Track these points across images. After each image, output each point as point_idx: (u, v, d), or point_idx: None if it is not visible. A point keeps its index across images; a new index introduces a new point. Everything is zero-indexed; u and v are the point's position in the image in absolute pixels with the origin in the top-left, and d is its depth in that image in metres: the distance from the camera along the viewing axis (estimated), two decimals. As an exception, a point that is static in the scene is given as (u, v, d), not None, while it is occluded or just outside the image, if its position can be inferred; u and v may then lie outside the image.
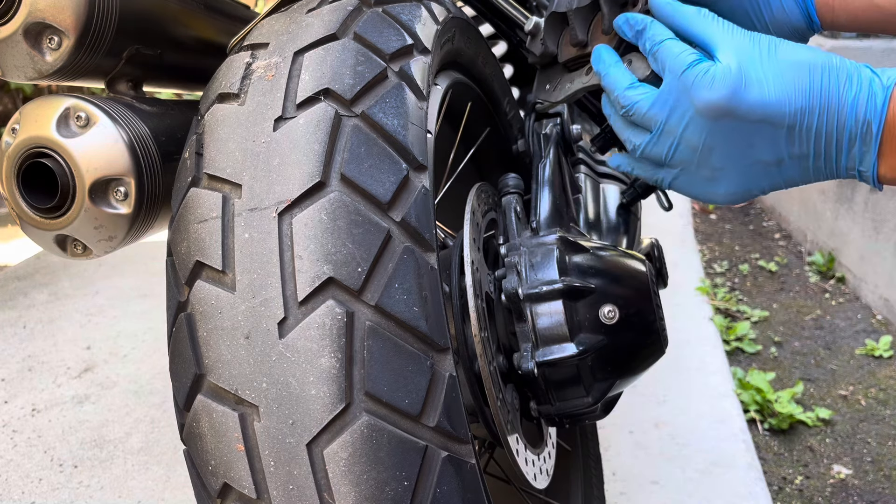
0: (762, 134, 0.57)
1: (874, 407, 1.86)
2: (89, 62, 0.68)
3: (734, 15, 0.71)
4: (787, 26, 0.70)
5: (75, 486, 1.51)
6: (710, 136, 0.58)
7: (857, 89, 0.56)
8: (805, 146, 0.57)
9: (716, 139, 0.58)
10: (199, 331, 0.54)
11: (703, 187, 0.62)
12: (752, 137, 0.57)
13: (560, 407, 0.72)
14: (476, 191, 0.80)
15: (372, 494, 0.50)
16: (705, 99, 0.57)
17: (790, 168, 0.59)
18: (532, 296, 0.70)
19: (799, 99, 0.56)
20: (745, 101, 0.56)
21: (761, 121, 0.57)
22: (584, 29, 0.74)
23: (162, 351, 2.01)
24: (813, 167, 0.58)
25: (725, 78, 0.57)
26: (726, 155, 0.59)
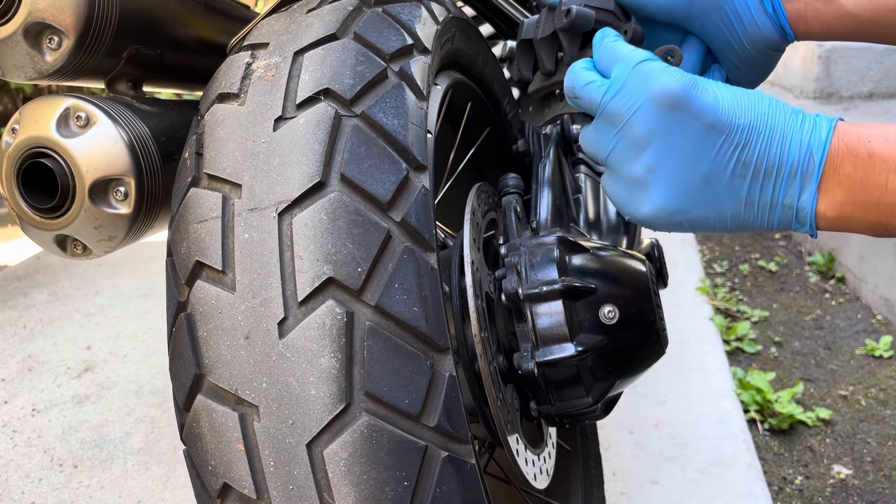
0: (707, 140, 0.55)
1: (874, 407, 1.86)
2: (89, 62, 0.68)
3: (706, 32, 0.71)
4: (760, 40, 0.69)
5: (75, 486, 1.51)
6: (656, 126, 0.56)
7: (802, 121, 0.55)
8: (746, 167, 0.55)
9: (660, 131, 0.56)
10: (199, 331, 0.54)
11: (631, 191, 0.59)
12: (696, 141, 0.55)
13: (560, 407, 0.72)
14: (476, 191, 0.80)
15: (372, 494, 0.50)
16: (662, 84, 0.55)
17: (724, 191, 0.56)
18: (532, 296, 0.70)
19: (748, 115, 0.55)
20: (700, 100, 0.55)
21: (712, 125, 0.55)
22: (550, 58, 0.73)
23: (162, 351, 2.00)
24: (746, 197, 0.56)
25: (683, 73, 0.56)
26: (666, 153, 0.56)
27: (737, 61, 0.71)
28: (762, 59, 0.71)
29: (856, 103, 3.30)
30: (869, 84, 3.32)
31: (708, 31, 0.71)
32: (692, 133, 0.55)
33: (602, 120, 0.59)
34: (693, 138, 0.55)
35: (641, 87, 0.56)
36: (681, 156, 0.56)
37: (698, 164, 0.55)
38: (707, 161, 0.55)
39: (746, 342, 2.18)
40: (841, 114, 3.13)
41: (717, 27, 0.70)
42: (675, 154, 0.56)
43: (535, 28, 0.73)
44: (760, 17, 0.69)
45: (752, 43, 0.69)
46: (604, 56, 0.60)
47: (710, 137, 0.55)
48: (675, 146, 0.56)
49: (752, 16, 0.69)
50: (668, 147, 0.56)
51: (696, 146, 0.55)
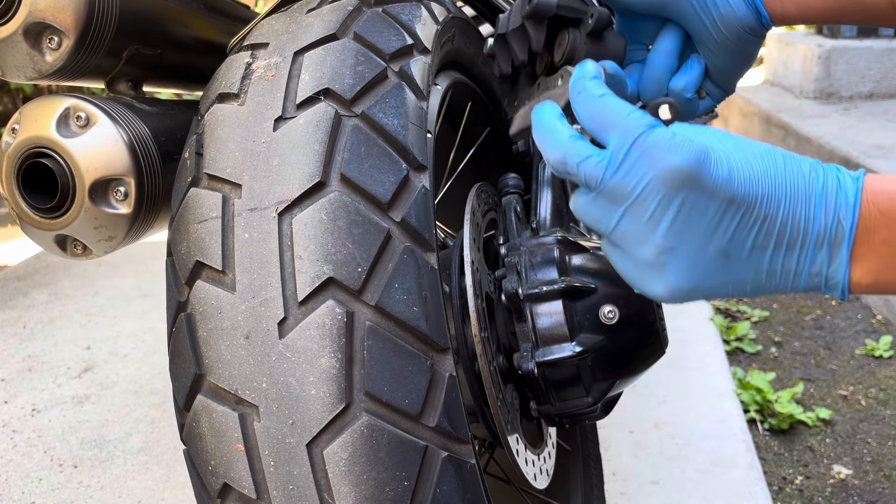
0: (725, 216, 0.50)
1: (874, 407, 1.86)
2: (89, 62, 0.68)
3: (683, 18, 0.69)
4: (736, 23, 0.67)
5: (75, 486, 1.51)
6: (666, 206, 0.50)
7: (824, 180, 0.50)
8: (768, 238, 0.50)
9: (672, 211, 0.50)
10: (199, 331, 0.54)
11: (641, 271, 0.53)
12: (712, 218, 0.50)
13: (560, 407, 0.72)
14: (476, 191, 0.80)
15: (372, 494, 0.50)
16: (669, 163, 0.49)
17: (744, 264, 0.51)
18: (532, 296, 0.70)
19: (765, 183, 0.50)
20: (713, 174, 0.49)
21: (728, 200, 0.49)
22: (522, 49, 0.72)
23: (162, 351, 2.00)
24: (768, 268, 0.51)
25: (692, 145, 0.49)
26: (679, 234, 0.50)
27: (714, 47, 0.69)
28: (740, 45, 0.68)
29: (856, 103, 3.30)
30: (869, 84, 3.31)
31: (684, 17, 0.69)
32: (708, 210, 0.50)
33: (602, 196, 0.52)
34: (709, 216, 0.50)
35: (647, 163, 0.50)
36: (696, 235, 0.50)
37: (715, 240, 0.51)
38: (725, 237, 0.50)
39: (746, 342, 2.18)
40: (841, 114, 3.13)
41: (693, 11, 0.68)
42: (690, 234, 0.50)
43: (507, 21, 0.73)
44: (735, 0, 0.67)
45: (729, 27, 0.67)
46: (593, 116, 0.53)
47: (728, 213, 0.50)
48: (689, 226, 0.50)
49: None
50: (682, 227, 0.50)
51: (713, 223, 0.50)
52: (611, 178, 0.51)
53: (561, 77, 0.67)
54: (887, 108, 3.17)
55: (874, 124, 2.94)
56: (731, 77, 0.72)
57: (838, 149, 2.63)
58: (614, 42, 0.70)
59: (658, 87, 0.72)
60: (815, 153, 2.80)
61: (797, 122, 3.06)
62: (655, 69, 0.72)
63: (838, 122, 3.01)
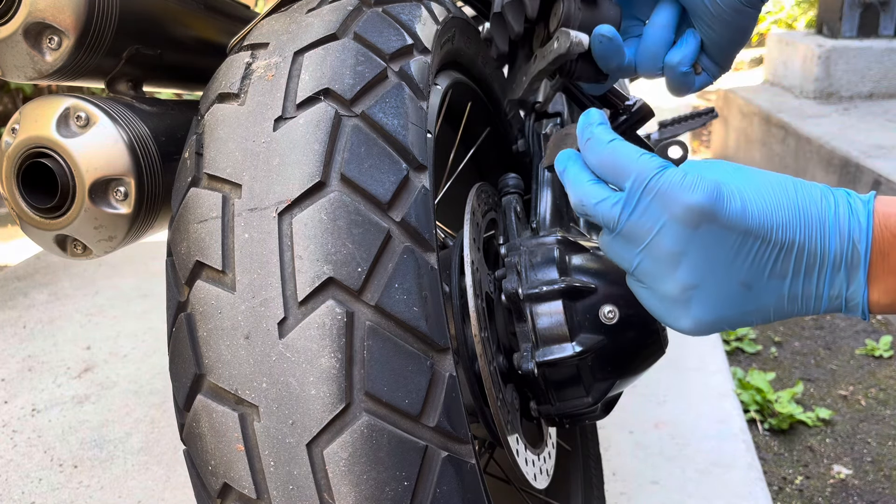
0: (742, 249, 0.51)
1: (874, 407, 1.86)
2: (89, 62, 0.68)
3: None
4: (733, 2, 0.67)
5: (75, 486, 1.51)
6: (684, 245, 0.51)
7: (835, 206, 0.51)
8: (786, 266, 0.51)
9: (690, 248, 0.51)
10: (199, 331, 0.54)
11: (666, 306, 0.55)
12: (731, 252, 0.51)
13: (560, 407, 0.72)
14: (476, 191, 0.80)
15: (372, 494, 0.50)
16: (685, 202, 0.50)
17: (765, 293, 0.52)
18: (532, 296, 0.70)
19: (779, 213, 0.51)
20: (728, 210, 0.50)
21: (745, 233, 0.50)
22: (518, 20, 0.73)
23: (162, 351, 2.00)
24: (789, 294, 0.52)
25: (704, 182, 0.51)
26: (700, 270, 0.52)
27: (710, 21, 0.69)
28: (736, 18, 0.68)
29: (856, 103, 3.30)
30: (869, 84, 3.32)
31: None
32: (725, 245, 0.51)
33: (621, 237, 0.54)
34: (727, 250, 0.51)
35: (661, 204, 0.51)
36: (716, 269, 0.52)
37: (736, 273, 0.52)
38: (745, 269, 0.51)
39: (746, 342, 2.18)
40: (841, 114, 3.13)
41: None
42: (711, 269, 0.52)
43: None
44: None
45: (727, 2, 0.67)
46: (604, 163, 0.54)
47: (745, 245, 0.51)
48: (708, 261, 0.51)
49: None
50: (702, 263, 0.52)
51: (731, 257, 0.51)
52: (627, 219, 0.53)
53: (557, 39, 0.67)
54: (887, 108, 3.17)
55: (874, 124, 2.94)
56: (727, 52, 0.72)
57: (838, 149, 2.63)
58: (609, 8, 0.70)
59: (654, 60, 0.72)
60: (815, 153, 2.80)
61: (797, 122, 3.06)
62: (651, 43, 0.72)
63: (838, 122, 3.02)
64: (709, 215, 0.50)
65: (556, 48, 0.68)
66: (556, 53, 0.68)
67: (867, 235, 0.50)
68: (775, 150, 3.24)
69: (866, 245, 0.50)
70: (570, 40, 0.66)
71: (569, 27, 0.68)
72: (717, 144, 4.21)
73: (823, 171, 2.73)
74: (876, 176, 2.34)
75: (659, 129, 1.60)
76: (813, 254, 0.51)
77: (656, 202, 0.52)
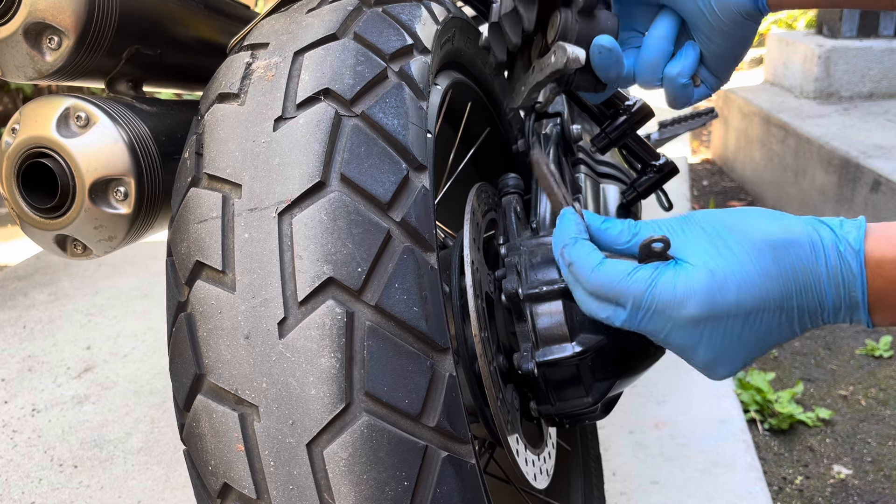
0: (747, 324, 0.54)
1: (874, 407, 1.86)
2: (89, 62, 0.68)
3: (679, 2, 0.69)
4: (733, 7, 0.67)
5: (75, 486, 1.51)
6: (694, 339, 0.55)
7: (826, 259, 0.53)
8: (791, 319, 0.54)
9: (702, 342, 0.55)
10: (199, 331, 0.54)
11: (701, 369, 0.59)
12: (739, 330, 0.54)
13: (560, 407, 0.72)
14: (476, 191, 0.80)
15: (372, 494, 0.50)
16: (682, 316, 0.54)
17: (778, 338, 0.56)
18: (532, 296, 0.70)
19: (775, 286, 0.53)
20: (724, 304, 0.53)
21: (747, 314, 0.53)
22: (515, 32, 0.73)
23: (162, 351, 2.01)
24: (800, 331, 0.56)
25: (697, 286, 0.53)
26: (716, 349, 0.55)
27: (709, 32, 0.69)
28: (736, 30, 0.68)
29: (856, 103, 3.30)
30: (869, 84, 3.32)
31: (680, 2, 0.69)
32: (731, 329, 0.54)
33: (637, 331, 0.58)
34: (734, 331, 0.54)
35: (663, 318, 0.55)
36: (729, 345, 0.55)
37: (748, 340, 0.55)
38: (755, 336, 0.54)
39: (746, 342, 2.17)
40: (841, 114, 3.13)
41: None
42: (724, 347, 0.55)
43: (499, 8, 0.73)
44: None
45: (725, 11, 0.67)
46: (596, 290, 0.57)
47: (748, 322, 0.54)
48: (720, 343, 0.55)
49: None
50: (715, 345, 0.55)
51: (739, 333, 0.54)
52: (636, 328, 0.56)
53: (554, 53, 0.67)
54: (887, 108, 3.17)
55: (874, 124, 2.94)
56: (726, 64, 0.72)
57: (838, 149, 2.64)
58: (606, 19, 0.69)
59: (653, 72, 0.72)
60: (815, 153, 2.80)
61: (797, 122, 3.06)
62: (650, 55, 0.72)
63: (838, 122, 3.01)
64: (709, 316, 0.53)
65: (553, 62, 0.68)
66: (553, 68, 0.68)
67: (862, 284, 0.52)
68: (775, 150, 3.24)
69: (863, 292, 0.52)
70: (567, 56, 0.66)
71: (566, 39, 0.68)
72: (716, 144, 4.21)
73: (823, 170, 2.73)
74: (876, 176, 2.34)
75: (659, 129, 1.60)
76: (813, 308, 0.53)
77: (657, 316, 0.55)
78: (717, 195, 3.60)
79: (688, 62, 0.71)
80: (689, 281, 0.54)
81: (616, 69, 0.69)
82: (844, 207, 2.55)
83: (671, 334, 0.55)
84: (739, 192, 3.62)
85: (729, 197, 3.57)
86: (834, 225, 0.54)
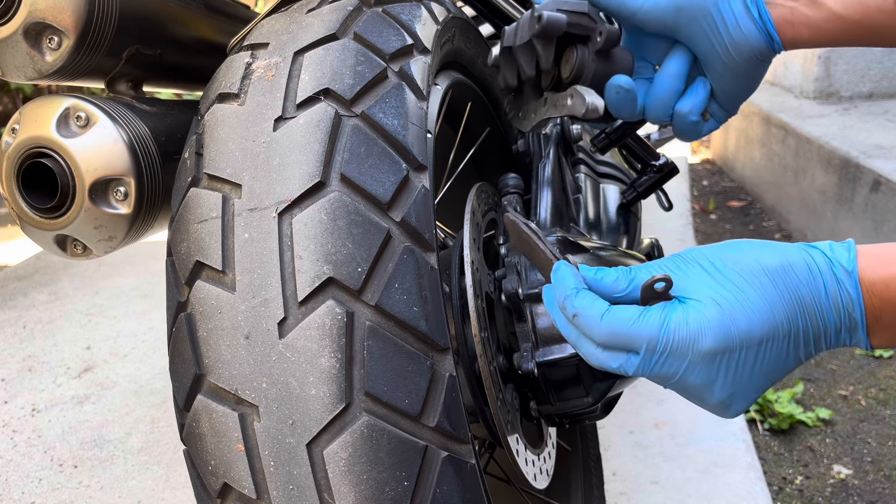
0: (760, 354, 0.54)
1: (874, 407, 1.86)
2: (89, 62, 0.68)
3: (693, 41, 0.70)
4: (746, 47, 0.68)
5: (75, 486, 1.51)
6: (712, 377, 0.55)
7: (823, 281, 0.54)
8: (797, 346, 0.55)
9: (718, 378, 0.55)
10: (199, 331, 0.54)
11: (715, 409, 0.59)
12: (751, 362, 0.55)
13: (560, 407, 0.72)
14: (476, 191, 0.80)
15: (372, 494, 0.50)
16: (699, 351, 0.53)
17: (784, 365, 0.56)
18: (532, 296, 0.70)
19: (781, 312, 0.54)
20: (737, 335, 0.53)
21: (759, 342, 0.54)
22: (530, 65, 0.72)
23: (162, 351, 2.00)
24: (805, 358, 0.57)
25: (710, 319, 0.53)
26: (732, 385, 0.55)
27: (722, 70, 0.70)
28: (748, 68, 0.69)
29: (856, 103, 3.30)
30: (869, 84, 3.31)
31: (695, 40, 0.69)
32: (746, 361, 0.54)
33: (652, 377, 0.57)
34: (748, 363, 0.54)
35: (678, 359, 0.54)
36: (744, 379, 0.55)
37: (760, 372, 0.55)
38: (766, 367, 0.55)
39: (746, 342, 2.17)
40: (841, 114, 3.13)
41: (703, 35, 0.69)
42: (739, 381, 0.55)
43: (513, 35, 0.72)
44: (746, 24, 0.67)
45: (739, 50, 0.68)
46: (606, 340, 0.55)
47: (761, 351, 0.54)
48: (736, 377, 0.55)
49: (738, 22, 0.67)
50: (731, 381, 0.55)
51: (752, 364, 0.55)
52: (649, 373, 0.55)
53: (570, 97, 0.66)
54: (887, 108, 3.17)
55: (874, 124, 2.93)
56: (736, 99, 0.72)
57: (838, 149, 2.63)
58: (622, 58, 0.69)
59: (664, 109, 0.72)
60: (816, 153, 2.80)
61: (797, 122, 3.06)
62: (662, 92, 0.72)
63: (838, 122, 3.01)
64: (724, 350, 0.53)
65: (569, 105, 0.67)
66: (569, 112, 0.66)
67: (860, 305, 0.53)
68: (775, 150, 3.24)
69: (861, 313, 0.53)
70: (587, 105, 0.64)
71: (581, 78, 0.67)
72: (717, 144, 4.21)
73: (823, 171, 2.73)
74: (876, 176, 2.34)
75: (659, 129, 1.60)
76: (816, 330, 0.54)
77: (672, 357, 0.54)
78: (716, 195, 3.60)
79: (698, 99, 0.72)
80: (700, 316, 0.53)
81: (630, 107, 0.69)
82: (844, 207, 2.55)
83: (687, 374, 0.55)
84: (739, 192, 3.62)
85: (729, 197, 3.57)
86: (824, 248, 0.55)
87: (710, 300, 0.54)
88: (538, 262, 0.61)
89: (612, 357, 0.56)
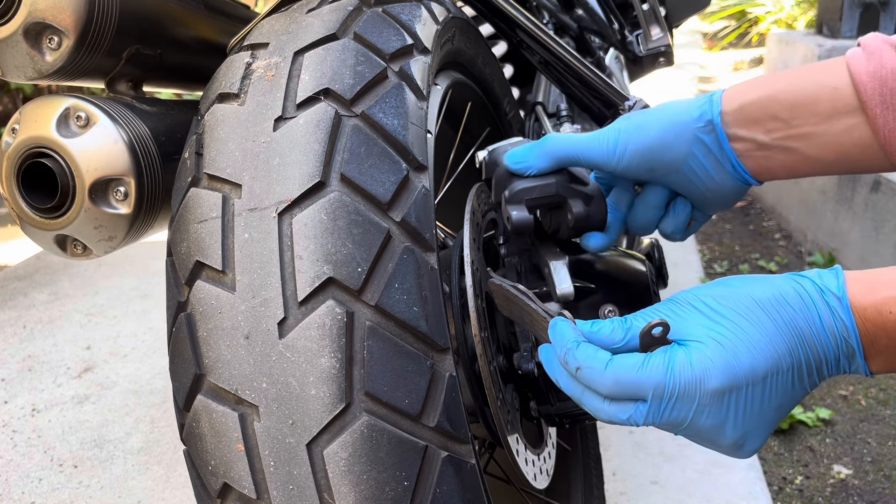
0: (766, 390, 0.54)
1: (874, 407, 1.86)
2: (89, 62, 0.68)
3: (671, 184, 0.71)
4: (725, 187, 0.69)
5: (75, 486, 1.51)
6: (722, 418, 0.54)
7: (817, 311, 0.54)
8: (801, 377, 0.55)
9: (728, 417, 0.54)
10: (199, 331, 0.54)
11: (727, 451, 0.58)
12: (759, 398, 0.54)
13: (560, 407, 0.72)
14: (476, 191, 0.80)
15: (372, 494, 0.50)
16: (707, 391, 0.53)
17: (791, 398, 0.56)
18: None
19: (780, 344, 0.54)
20: (742, 372, 0.53)
21: (764, 377, 0.54)
22: None
23: (162, 351, 2.01)
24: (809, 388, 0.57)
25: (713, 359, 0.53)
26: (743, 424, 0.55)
27: (702, 199, 0.71)
28: (730, 196, 0.71)
29: (856, 103, 3.29)
30: (869, 84, 3.31)
31: (673, 185, 0.71)
32: (754, 397, 0.54)
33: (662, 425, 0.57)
34: (756, 399, 0.54)
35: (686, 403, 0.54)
36: (753, 416, 0.55)
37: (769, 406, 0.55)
38: (774, 401, 0.55)
39: (746, 342, 2.17)
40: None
41: (680, 183, 0.70)
42: (749, 419, 0.55)
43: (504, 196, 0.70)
44: (721, 175, 0.68)
45: (717, 190, 0.70)
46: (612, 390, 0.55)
47: (767, 385, 0.54)
48: (745, 415, 0.55)
49: (711, 175, 0.68)
50: (741, 420, 0.55)
51: (760, 400, 0.54)
52: (659, 420, 0.55)
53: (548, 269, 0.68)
54: (887, 108, 3.16)
55: (874, 124, 2.93)
56: (718, 209, 0.74)
57: (838, 149, 2.63)
58: (597, 215, 0.69)
59: (646, 230, 0.75)
60: (815, 153, 2.80)
61: (797, 122, 3.05)
62: (643, 218, 0.74)
63: (838, 122, 3.01)
64: (730, 387, 0.53)
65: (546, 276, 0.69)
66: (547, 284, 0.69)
67: (854, 332, 0.53)
68: (775, 150, 3.24)
69: (857, 339, 0.54)
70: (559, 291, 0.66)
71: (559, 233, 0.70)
72: (717, 144, 4.20)
73: (823, 171, 2.73)
74: (876, 176, 2.34)
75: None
76: (818, 360, 0.55)
77: (680, 401, 0.54)
78: (717, 195, 3.59)
79: (680, 220, 0.73)
80: (702, 357, 0.53)
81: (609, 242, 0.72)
82: (844, 207, 2.55)
83: (697, 417, 0.54)
84: (739, 192, 3.62)
85: (729, 197, 3.56)
86: (812, 277, 0.55)
87: (711, 340, 0.54)
88: (531, 323, 0.60)
89: (621, 409, 0.55)
